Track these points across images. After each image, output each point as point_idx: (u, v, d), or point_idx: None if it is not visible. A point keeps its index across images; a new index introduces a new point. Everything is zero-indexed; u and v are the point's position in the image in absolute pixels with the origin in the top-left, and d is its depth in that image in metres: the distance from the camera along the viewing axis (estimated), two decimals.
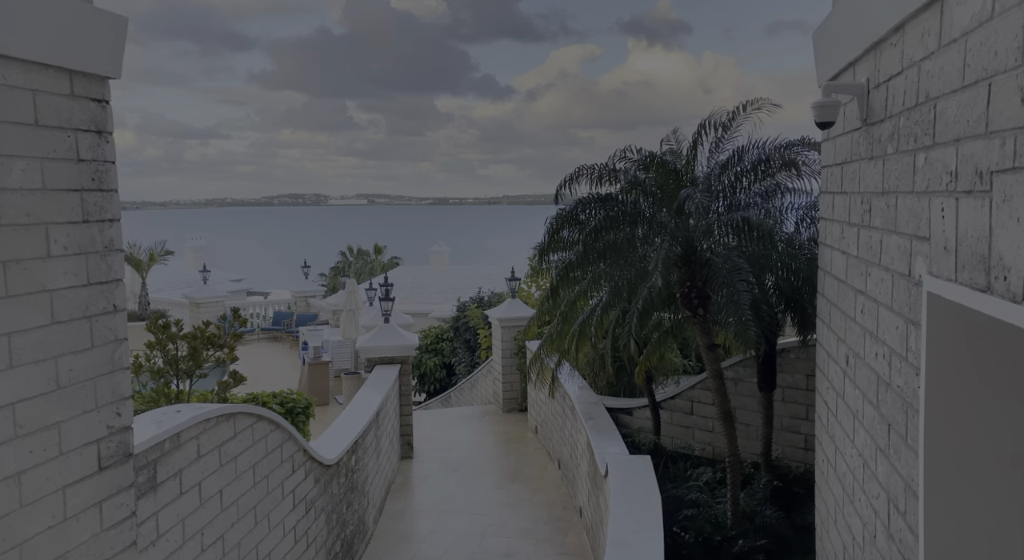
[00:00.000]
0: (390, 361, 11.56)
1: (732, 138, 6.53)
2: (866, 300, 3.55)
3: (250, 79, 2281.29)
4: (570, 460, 9.96)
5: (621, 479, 5.83)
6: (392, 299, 11.99)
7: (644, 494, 5.59)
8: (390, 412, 10.59)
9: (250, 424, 5.58)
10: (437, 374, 23.18)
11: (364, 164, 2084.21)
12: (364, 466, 8.58)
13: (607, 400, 9.34)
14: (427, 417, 15.23)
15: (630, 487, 5.78)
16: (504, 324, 14.22)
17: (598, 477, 7.43)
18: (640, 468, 5.96)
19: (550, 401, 11.51)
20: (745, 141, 6.43)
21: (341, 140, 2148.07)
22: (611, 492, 5.74)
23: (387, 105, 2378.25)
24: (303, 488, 6.59)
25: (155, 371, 7.53)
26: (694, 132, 6.57)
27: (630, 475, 5.93)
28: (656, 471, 6.19)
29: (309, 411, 7.24)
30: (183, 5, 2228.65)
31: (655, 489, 5.48)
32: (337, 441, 7.82)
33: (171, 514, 4.52)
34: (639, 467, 5.99)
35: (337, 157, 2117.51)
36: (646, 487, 5.65)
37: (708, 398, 8.65)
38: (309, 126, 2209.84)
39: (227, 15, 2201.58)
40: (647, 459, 6.11)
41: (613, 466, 6.02)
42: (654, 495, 5.36)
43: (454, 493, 10.25)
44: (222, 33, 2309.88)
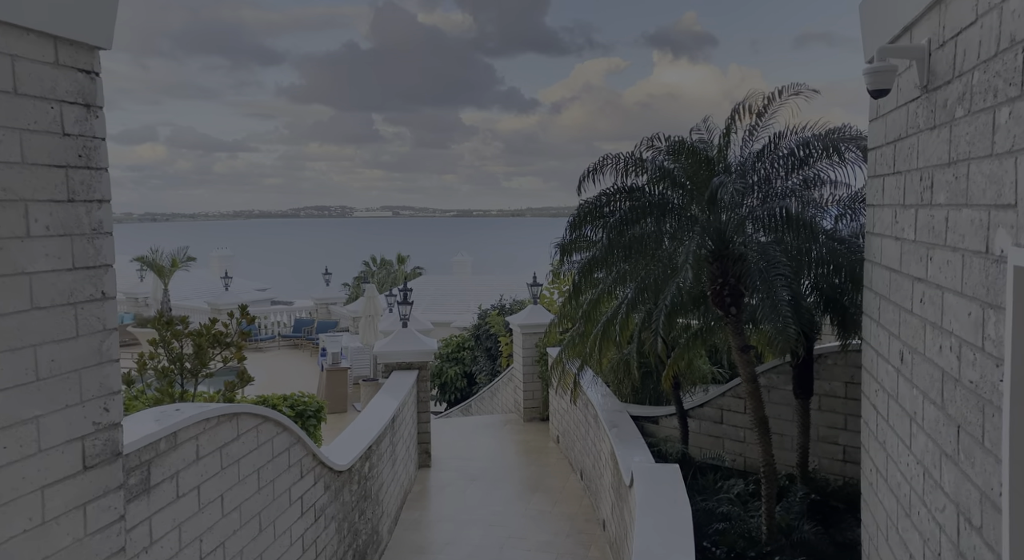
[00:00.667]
0: (408, 366, 11.26)
1: (767, 125, 6.14)
2: (926, 288, 3.16)
3: (279, 93, 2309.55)
4: (593, 470, 9.57)
5: (647, 489, 5.44)
6: (410, 303, 11.71)
7: (672, 505, 5.20)
8: (407, 419, 10.28)
9: (255, 425, 5.30)
10: (458, 383, 22.86)
11: (389, 176, 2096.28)
12: (378, 473, 8.27)
13: (632, 408, 8.94)
14: (446, 425, 14.91)
15: (657, 498, 5.39)
16: (525, 330, 13.88)
17: (622, 487, 7.04)
18: (668, 478, 5.56)
19: (572, 409, 11.12)
20: (782, 128, 6.03)
21: (367, 153, 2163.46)
22: (636, 503, 5.35)
23: (413, 118, 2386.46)
24: (312, 494, 6.29)
25: (159, 371, 7.30)
26: (727, 118, 6.18)
27: (657, 485, 5.54)
28: (684, 482, 5.80)
29: (320, 415, 6.96)
30: (215, 21, 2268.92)
31: (684, 500, 5.08)
32: (350, 447, 7.52)
33: (166, 519, 4.24)
34: (667, 476, 5.59)
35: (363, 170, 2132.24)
36: (674, 498, 5.26)
37: (739, 406, 8.22)
38: (336, 139, 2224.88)
39: (257, 30, 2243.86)
40: (675, 468, 5.72)
41: (639, 475, 5.64)
42: (683, 506, 4.96)
43: (472, 503, 9.90)
44: (252, 48, 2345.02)
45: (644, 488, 5.45)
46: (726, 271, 5.89)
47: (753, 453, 8.06)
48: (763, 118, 6.09)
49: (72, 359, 3.38)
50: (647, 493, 5.36)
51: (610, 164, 6.25)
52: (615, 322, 6.54)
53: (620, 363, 9.26)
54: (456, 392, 22.59)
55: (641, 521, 4.96)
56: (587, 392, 9.52)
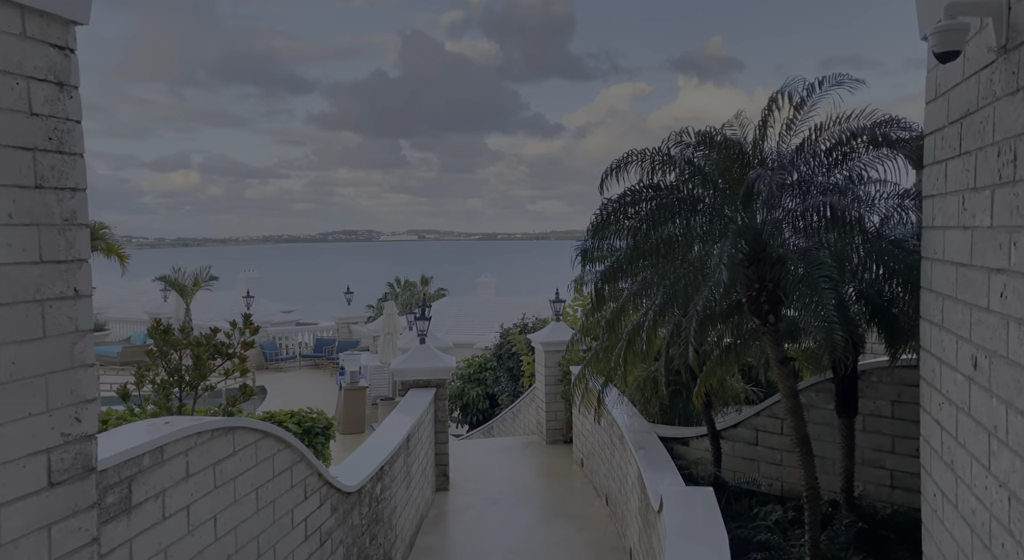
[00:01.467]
0: (425, 384, 10.87)
1: (807, 118, 5.69)
2: (1009, 279, 2.71)
3: (309, 120, 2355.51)
4: (619, 495, 9.05)
5: (678, 515, 4.96)
6: (428, 319, 11.37)
7: (706, 532, 4.71)
8: (423, 439, 9.87)
9: (253, 441, 4.94)
10: (480, 405, 22.39)
11: (416, 201, 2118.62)
12: (392, 496, 7.84)
13: (660, 429, 8.44)
14: (465, 447, 14.45)
15: (689, 525, 4.90)
16: (548, 348, 13.43)
17: (650, 513, 6.53)
18: (701, 502, 5.07)
19: (596, 431, 10.62)
20: (824, 119, 5.55)
21: (394, 178, 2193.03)
22: (666, 530, 4.87)
23: (439, 143, 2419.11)
24: (317, 517, 5.88)
25: (158, 385, 6.96)
26: (763, 109, 5.74)
27: (689, 511, 5.05)
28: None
29: (329, 432, 6.59)
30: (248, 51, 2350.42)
31: (720, 526, 4.59)
32: (360, 466, 7.13)
33: (149, 542, 3.87)
34: (700, 500, 5.10)
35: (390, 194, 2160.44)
36: (709, 524, 4.77)
37: (775, 426, 7.69)
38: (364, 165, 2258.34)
39: (289, 60, 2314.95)
40: (708, 492, 5.23)
41: (669, 500, 5.15)
42: (719, 533, 4.48)
43: (492, 529, 9.42)
44: (284, 77, 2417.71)
45: (675, 514, 4.96)
46: (763, 276, 5.43)
47: (791, 477, 7.51)
48: (802, 111, 5.64)
49: (37, 363, 3.04)
50: (678, 519, 4.88)
51: (635, 161, 5.85)
52: (641, 332, 6.07)
53: (647, 381, 8.79)
54: (478, 414, 22.12)
55: (672, 551, 4.48)
56: (612, 412, 9.04)
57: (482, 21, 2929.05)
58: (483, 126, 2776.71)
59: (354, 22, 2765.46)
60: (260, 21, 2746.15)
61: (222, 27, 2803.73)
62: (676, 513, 4.95)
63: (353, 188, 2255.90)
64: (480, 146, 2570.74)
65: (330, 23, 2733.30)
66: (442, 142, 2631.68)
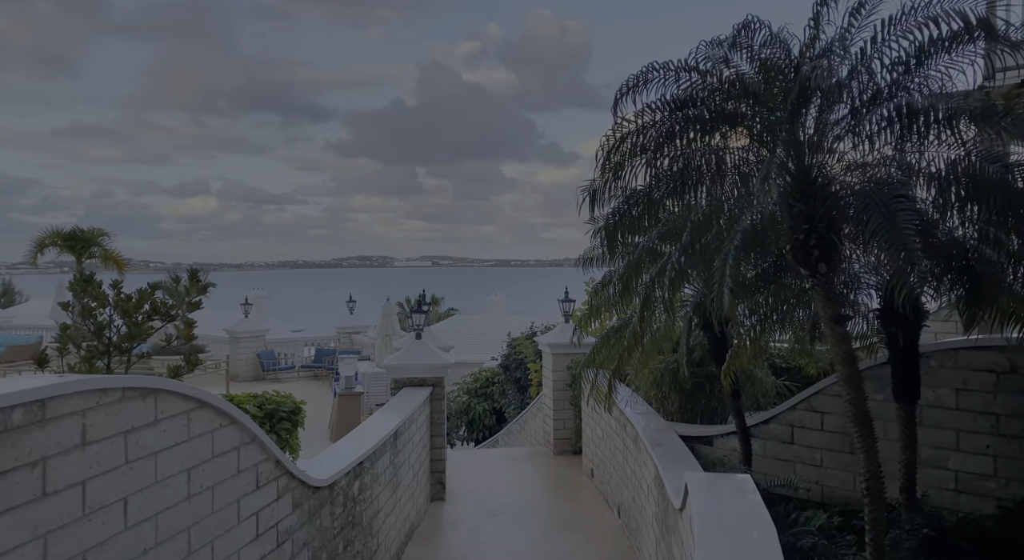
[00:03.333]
0: (420, 383, 9.93)
1: (866, 25, 4.70)
2: None
3: (327, 148, 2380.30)
4: (632, 504, 8.03)
5: (709, 507, 3.96)
6: (425, 312, 10.45)
7: (748, 524, 3.70)
8: (416, 441, 8.91)
9: (184, 411, 4.03)
10: (486, 421, 21.37)
11: (431, 228, 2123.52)
12: (373, 497, 6.89)
13: (680, 427, 7.46)
14: (465, 457, 13.45)
15: (724, 518, 3.90)
16: (556, 351, 12.46)
17: (669, 516, 5.54)
18: (735, 489, 4.08)
19: (608, 436, 9.62)
20: (895, 11, 4.53)
21: (410, 205, 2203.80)
22: (694, 527, 3.88)
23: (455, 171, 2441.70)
24: (273, 512, 4.95)
25: (81, 350, 5.92)
26: (815, 2, 4.77)
27: (722, 501, 4.06)
28: None
29: (297, 418, 5.67)
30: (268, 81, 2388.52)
31: (766, 519, 3.58)
32: (334, 460, 6.20)
33: (19, 524, 2.97)
34: (733, 488, 4.11)
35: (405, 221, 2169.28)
36: (750, 514, 3.75)
37: (814, 422, 6.68)
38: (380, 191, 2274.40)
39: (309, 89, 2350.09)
40: (746, 479, 4.25)
41: (696, 490, 4.15)
42: (766, 529, 3.46)
43: (490, 541, 8.41)
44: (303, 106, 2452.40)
45: (704, 506, 3.96)
46: (812, 214, 4.50)
47: (833, 480, 6.49)
48: (864, 8, 4.66)
49: None
50: (709, 513, 3.88)
51: (657, 78, 4.88)
52: (663, 280, 5.00)
53: (663, 374, 7.83)
54: (484, 430, 21.09)
55: (704, 552, 3.48)
56: (625, 411, 8.07)
57: (499, 51, 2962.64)
58: (498, 154, 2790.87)
59: (372, 52, 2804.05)
60: (279, 51, 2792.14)
61: (242, 57, 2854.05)
62: (705, 505, 3.95)
63: (369, 214, 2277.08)
64: (495, 174, 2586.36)
65: (349, 53, 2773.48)
66: (458, 169, 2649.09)
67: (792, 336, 6.40)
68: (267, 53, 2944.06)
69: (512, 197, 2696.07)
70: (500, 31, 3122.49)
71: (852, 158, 4.66)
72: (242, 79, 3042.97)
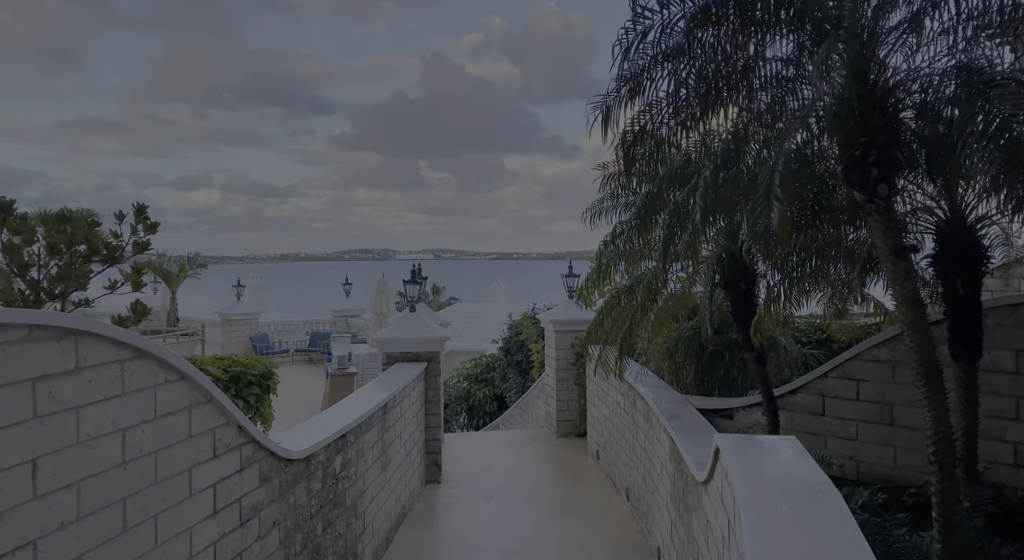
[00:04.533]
0: (414, 358, 9.29)
1: None
2: None
3: (330, 141, 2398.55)
4: (643, 485, 7.39)
5: (753, 471, 3.26)
6: (419, 283, 9.79)
7: (805, 493, 3.00)
8: (408, 418, 8.27)
9: (117, 360, 3.37)
10: (487, 407, 20.78)
11: (433, 220, 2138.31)
12: (358, 475, 6.25)
13: (695, 400, 6.80)
14: (463, 440, 12.82)
15: (775, 483, 3.20)
16: (559, 327, 11.81)
17: (690, 492, 4.89)
18: (783, 452, 3.39)
19: (615, 416, 8.98)
20: None
21: (412, 198, 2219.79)
22: (737, 499, 3.17)
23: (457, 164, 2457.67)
24: (234, 485, 4.30)
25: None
26: None
27: (767, 465, 3.37)
28: None
29: (269, 383, 5.02)
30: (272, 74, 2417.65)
31: (828, 484, 2.86)
32: (313, 431, 5.55)
33: None
34: (781, 450, 3.41)
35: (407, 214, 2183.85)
36: (810, 478, 3.04)
37: (848, 391, 6.01)
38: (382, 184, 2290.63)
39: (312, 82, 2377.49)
40: (791, 440, 3.57)
41: (730, 453, 3.45)
42: (832, 497, 2.76)
43: (488, 525, 7.78)
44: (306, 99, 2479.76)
45: (747, 472, 3.24)
46: (871, 127, 3.81)
47: (870, 455, 5.84)
48: None
49: None
50: (755, 479, 3.16)
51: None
52: (691, 204, 4.24)
53: (679, 342, 7.17)
54: (485, 416, 20.51)
55: (752, 532, 2.78)
56: (635, 386, 7.42)
57: (502, 44, 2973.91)
58: (501, 147, 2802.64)
59: (376, 46, 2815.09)
60: (283, 44, 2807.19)
61: (247, 50, 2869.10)
62: (749, 469, 3.24)
63: (371, 207, 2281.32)
64: (498, 166, 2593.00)
65: (353, 46, 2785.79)
66: (460, 162, 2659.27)
67: (829, 292, 5.73)
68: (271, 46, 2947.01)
69: (515, 190, 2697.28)
70: (503, 24, 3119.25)
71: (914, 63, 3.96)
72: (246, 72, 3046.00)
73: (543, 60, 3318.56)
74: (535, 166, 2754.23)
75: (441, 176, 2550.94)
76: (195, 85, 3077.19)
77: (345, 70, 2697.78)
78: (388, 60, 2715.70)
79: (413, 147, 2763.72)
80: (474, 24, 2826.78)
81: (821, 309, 6.38)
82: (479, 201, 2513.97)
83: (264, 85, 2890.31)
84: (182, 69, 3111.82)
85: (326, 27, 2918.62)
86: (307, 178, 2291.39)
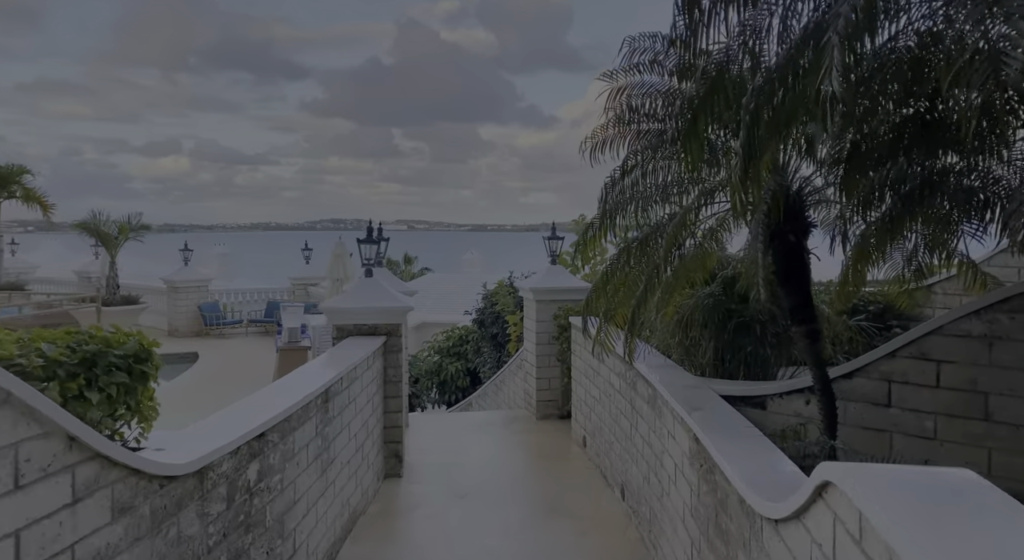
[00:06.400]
0: (371, 331, 7.81)
1: None
2: None
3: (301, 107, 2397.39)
4: (644, 485, 6.06)
5: None
6: (377, 242, 8.28)
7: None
8: (360, 403, 6.82)
9: None
10: (460, 382, 19.44)
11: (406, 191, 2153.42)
12: (286, 483, 4.80)
13: (714, 384, 5.44)
14: (430, 422, 11.43)
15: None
16: (540, 296, 10.40)
17: (731, 518, 3.52)
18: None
19: (607, 398, 7.63)
20: None
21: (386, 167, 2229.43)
22: None
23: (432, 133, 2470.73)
24: (60, 527, 2.81)
25: None
26: None
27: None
28: None
29: (147, 367, 3.55)
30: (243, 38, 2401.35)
31: None
32: (215, 432, 4.07)
33: None
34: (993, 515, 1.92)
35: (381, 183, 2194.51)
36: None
37: (924, 375, 4.68)
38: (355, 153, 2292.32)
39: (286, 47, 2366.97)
40: (985, 485, 2.13)
41: (887, 507, 1.98)
42: None
43: (458, 532, 6.41)
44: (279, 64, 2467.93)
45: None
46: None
47: (954, 458, 4.53)
48: None
49: None
50: None
51: None
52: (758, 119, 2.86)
53: (695, 311, 5.76)
54: (457, 392, 19.18)
55: None
56: (637, 366, 6.04)
57: (479, 11, 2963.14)
58: (477, 116, 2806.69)
59: (350, 10, 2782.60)
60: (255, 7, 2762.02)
61: (217, 13, 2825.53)
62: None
63: (344, 176, 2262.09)
64: (473, 137, 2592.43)
65: (327, 10, 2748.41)
66: (435, 131, 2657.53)
67: (928, 232, 4.36)
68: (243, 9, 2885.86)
69: (490, 161, 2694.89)
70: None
71: None
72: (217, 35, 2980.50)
73: (520, 27, 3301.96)
74: (511, 136, 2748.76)
75: (415, 145, 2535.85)
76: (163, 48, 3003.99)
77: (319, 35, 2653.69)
78: (362, 25, 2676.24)
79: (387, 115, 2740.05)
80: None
81: (881, 272, 5.07)
82: (454, 171, 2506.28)
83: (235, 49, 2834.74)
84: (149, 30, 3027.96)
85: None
86: (278, 145, 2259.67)
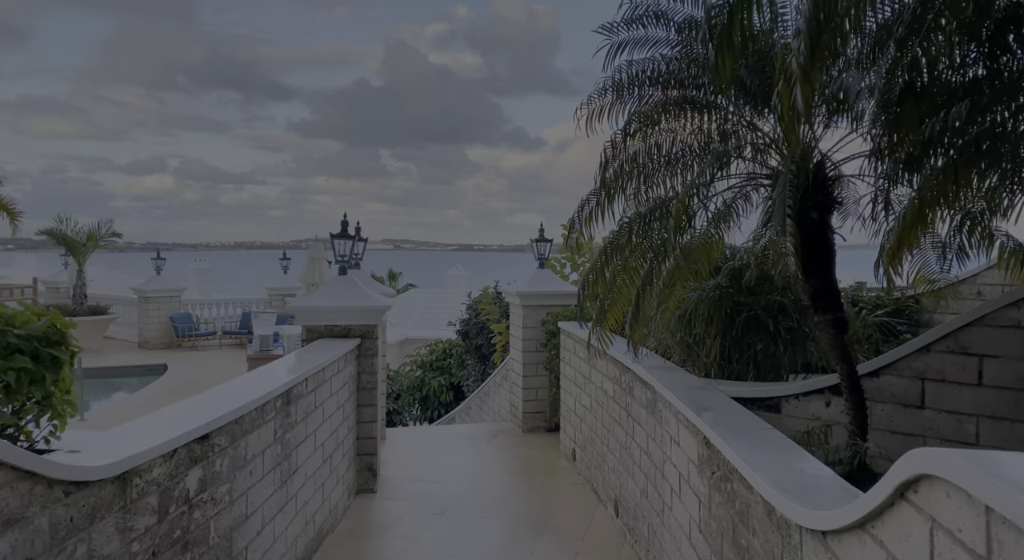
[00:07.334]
0: (343, 333, 7.21)
1: None
2: None
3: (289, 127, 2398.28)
4: (641, 499, 5.48)
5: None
6: (352, 238, 7.72)
7: None
8: (329, 409, 6.21)
9: None
10: (443, 397, 18.78)
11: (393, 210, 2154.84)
12: (235, 495, 4.18)
13: (721, 385, 4.90)
14: (409, 435, 10.78)
15: None
16: (527, 302, 9.85)
17: (756, 534, 2.96)
18: None
19: (599, 407, 7.06)
20: None
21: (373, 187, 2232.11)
22: None
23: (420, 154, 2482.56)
24: None
25: None
26: None
27: None
28: None
29: (57, 352, 2.96)
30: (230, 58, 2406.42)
31: None
32: (146, 431, 3.46)
33: None
34: None
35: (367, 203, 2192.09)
36: None
37: (963, 372, 4.16)
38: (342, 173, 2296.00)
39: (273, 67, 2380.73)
40: None
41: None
42: None
43: (436, 552, 5.78)
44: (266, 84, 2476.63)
45: None
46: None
47: None
48: None
49: None
50: None
51: None
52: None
53: (700, 306, 5.23)
54: (440, 408, 18.51)
55: None
56: (633, 367, 5.50)
57: (467, 34, 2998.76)
58: (464, 138, 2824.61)
59: (338, 32, 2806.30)
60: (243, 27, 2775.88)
61: (205, 33, 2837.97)
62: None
63: (330, 196, 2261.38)
64: (460, 158, 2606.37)
65: (314, 32, 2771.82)
66: (422, 152, 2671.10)
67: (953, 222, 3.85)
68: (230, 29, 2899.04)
69: (477, 181, 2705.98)
70: (468, 14, 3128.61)
71: None
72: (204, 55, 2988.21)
73: (508, 51, 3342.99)
74: (498, 158, 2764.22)
75: (403, 166, 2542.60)
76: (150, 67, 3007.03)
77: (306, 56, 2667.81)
78: (350, 47, 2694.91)
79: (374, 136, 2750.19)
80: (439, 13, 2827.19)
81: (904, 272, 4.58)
82: (441, 192, 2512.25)
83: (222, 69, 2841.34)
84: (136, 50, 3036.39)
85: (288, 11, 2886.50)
86: (264, 165, 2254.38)
